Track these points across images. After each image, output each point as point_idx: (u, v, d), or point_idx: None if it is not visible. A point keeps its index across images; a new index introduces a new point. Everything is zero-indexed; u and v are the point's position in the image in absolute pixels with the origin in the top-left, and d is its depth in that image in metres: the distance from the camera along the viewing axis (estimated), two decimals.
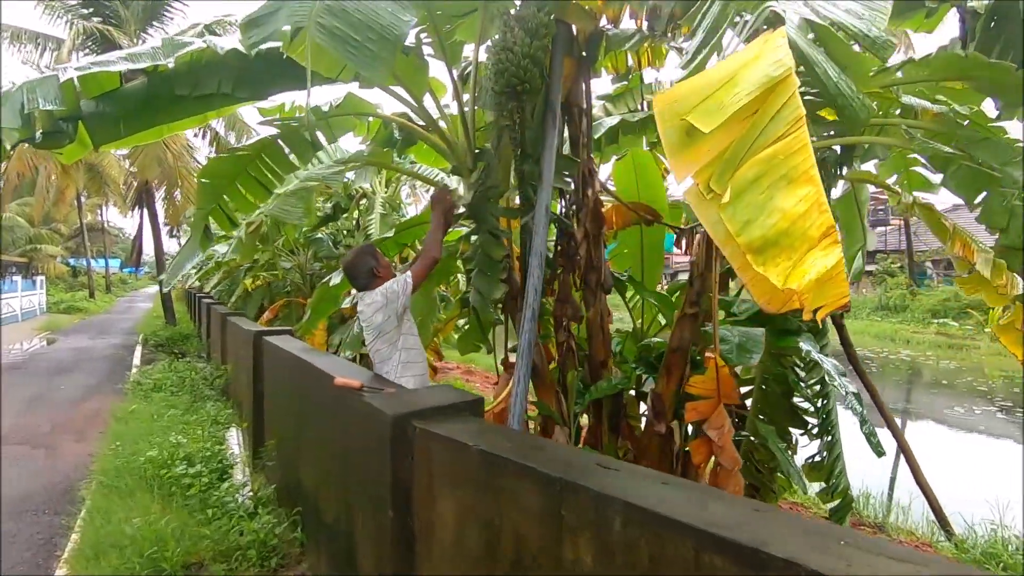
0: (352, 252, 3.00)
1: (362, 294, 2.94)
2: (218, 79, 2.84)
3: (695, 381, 3.05)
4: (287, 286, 9.99)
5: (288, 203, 2.47)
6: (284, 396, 4.17)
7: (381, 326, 2.83)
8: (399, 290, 2.79)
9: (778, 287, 1.19)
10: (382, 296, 2.80)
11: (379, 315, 2.82)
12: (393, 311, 2.79)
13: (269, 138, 3.64)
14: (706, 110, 1.21)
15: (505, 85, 2.90)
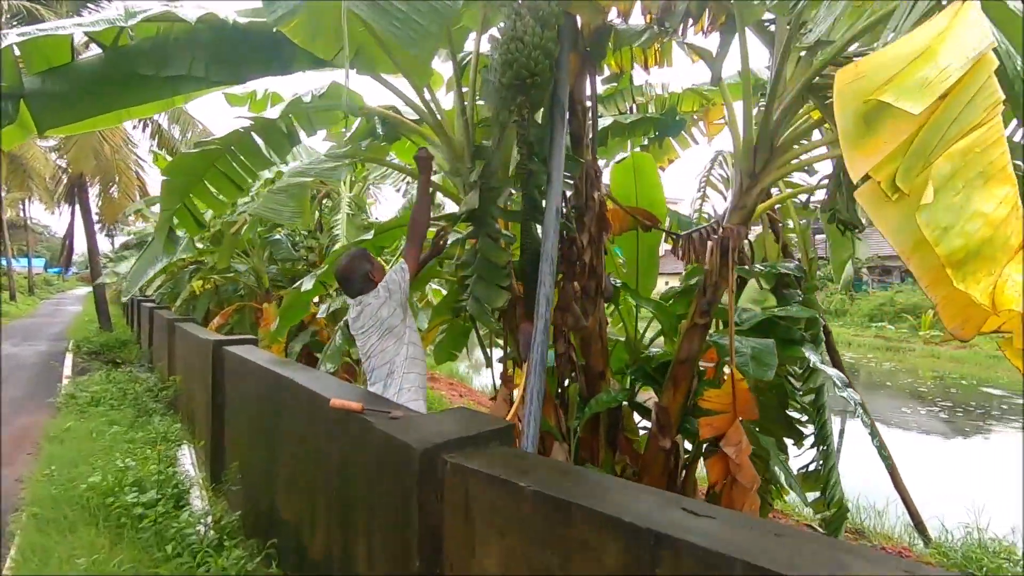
0: (345, 257, 2.74)
1: (359, 299, 2.68)
2: (190, 58, 2.49)
3: (710, 395, 2.91)
4: (240, 290, 9.39)
5: (277, 201, 2.16)
6: (252, 413, 3.78)
7: (388, 321, 2.64)
8: (399, 279, 2.63)
9: (983, 307, 1.01)
10: (384, 290, 2.63)
11: (384, 309, 2.63)
12: (398, 301, 2.63)
13: (241, 131, 3.29)
14: (904, 88, 0.99)
15: (514, 77, 2.68)
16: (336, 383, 2.88)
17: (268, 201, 2.19)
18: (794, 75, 2.64)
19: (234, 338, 4.70)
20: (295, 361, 4.53)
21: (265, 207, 2.18)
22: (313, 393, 2.65)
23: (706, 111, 4.41)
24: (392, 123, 3.49)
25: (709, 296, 3.03)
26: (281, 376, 3.09)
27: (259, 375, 3.56)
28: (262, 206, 2.19)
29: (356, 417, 2.22)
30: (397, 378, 2.60)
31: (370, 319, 2.64)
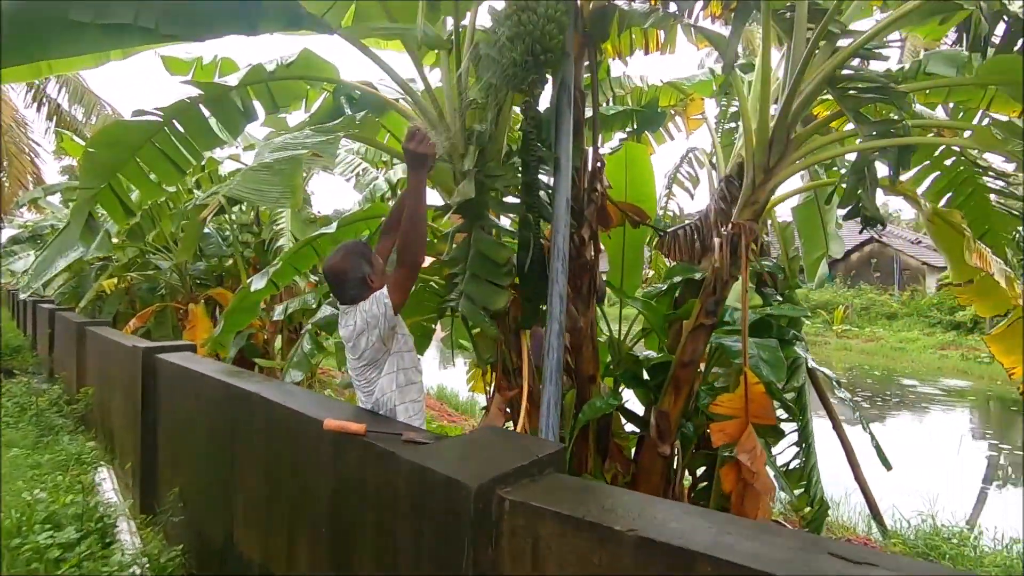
0: (339, 253, 2.20)
1: (344, 308, 2.24)
2: (136, 7, 2.03)
3: (722, 400, 2.76)
4: (160, 289, 8.47)
5: (261, 180, 1.76)
6: (198, 433, 3.28)
7: (367, 354, 2.17)
8: (379, 314, 2.08)
9: None
10: (361, 320, 2.12)
11: (361, 340, 2.15)
12: (377, 336, 2.12)
13: (187, 101, 2.80)
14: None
15: (525, 52, 2.40)
16: (316, 399, 2.49)
17: (249, 180, 1.78)
18: (813, 66, 2.53)
19: (168, 344, 4.11)
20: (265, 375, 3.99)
21: (245, 187, 1.77)
22: (290, 411, 2.26)
23: (685, 106, 4.31)
24: (371, 102, 3.11)
25: (717, 295, 2.88)
26: (242, 391, 2.65)
27: (209, 388, 3.07)
28: (241, 186, 1.77)
29: (358, 442, 1.87)
30: (384, 408, 2.18)
31: (350, 343, 2.19)
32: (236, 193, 1.79)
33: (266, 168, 1.78)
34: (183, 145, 2.95)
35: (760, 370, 2.73)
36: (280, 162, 1.78)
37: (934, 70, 3.22)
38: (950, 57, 3.24)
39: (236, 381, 2.79)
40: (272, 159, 1.80)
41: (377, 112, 3.32)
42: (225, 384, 2.85)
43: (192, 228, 2.81)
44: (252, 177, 1.79)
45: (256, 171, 1.80)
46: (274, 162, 1.78)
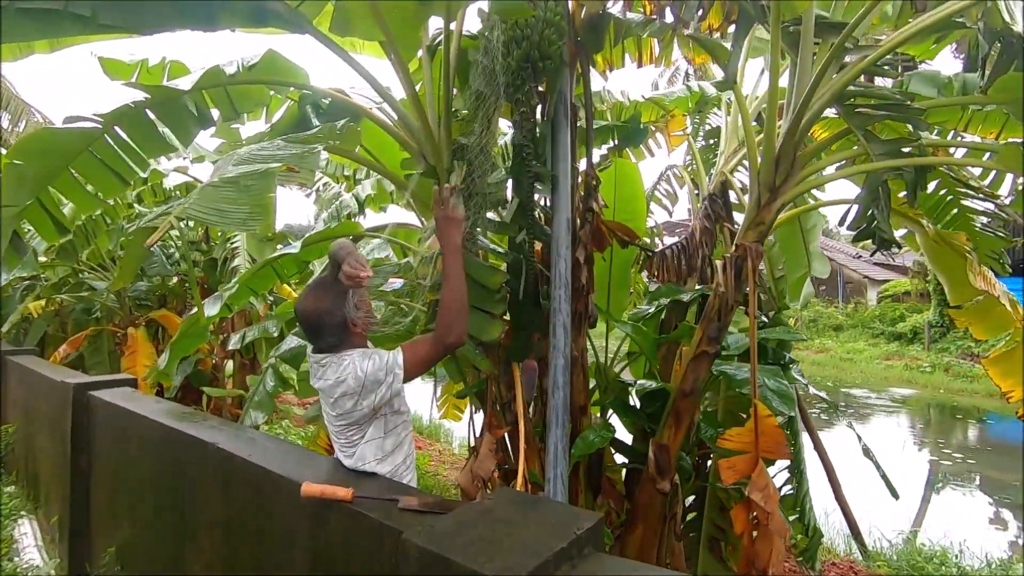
0: (316, 290, 1.84)
1: (319, 357, 1.86)
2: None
3: (731, 434, 2.58)
4: (95, 311, 7.76)
5: (223, 198, 1.44)
6: (142, 483, 2.85)
7: (348, 414, 1.82)
8: (383, 381, 1.75)
9: None
10: (355, 382, 1.76)
11: (347, 401, 1.79)
12: (370, 404, 1.79)
13: (131, 105, 2.45)
14: None
15: (523, 58, 2.19)
16: (284, 450, 2.15)
17: (208, 198, 1.46)
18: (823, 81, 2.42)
19: (105, 379, 3.63)
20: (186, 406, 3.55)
21: (203, 206, 1.45)
22: (256, 468, 1.92)
23: (666, 122, 4.21)
24: (342, 112, 2.82)
25: (720, 321, 2.72)
26: (194, 439, 2.28)
27: (152, 433, 2.67)
28: (199, 205, 1.45)
29: (344, 509, 1.57)
30: (368, 466, 1.85)
31: (329, 397, 1.83)
32: (193, 213, 1.47)
33: (230, 184, 1.48)
34: (126, 153, 2.58)
35: (769, 401, 2.57)
36: (248, 177, 1.47)
37: (916, 90, 3.19)
38: (930, 78, 3.22)
39: (186, 427, 2.42)
40: (237, 173, 1.50)
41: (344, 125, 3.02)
42: (172, 430, 2.47)
43: (134, 253, 2.44)
44: (212, 195, 1.48)
45: (217, 187, 1.48)
46: (240, 177, 1.48)
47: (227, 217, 1.45)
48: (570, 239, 2.32)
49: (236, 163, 1.60)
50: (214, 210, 1.47)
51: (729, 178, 4.19)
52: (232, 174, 1.53)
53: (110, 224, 6.84)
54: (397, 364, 1.78)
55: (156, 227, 1.64)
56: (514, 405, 2.92)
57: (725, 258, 2.70)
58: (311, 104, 3.14)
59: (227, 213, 1.45)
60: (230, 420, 5.42)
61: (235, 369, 6.83)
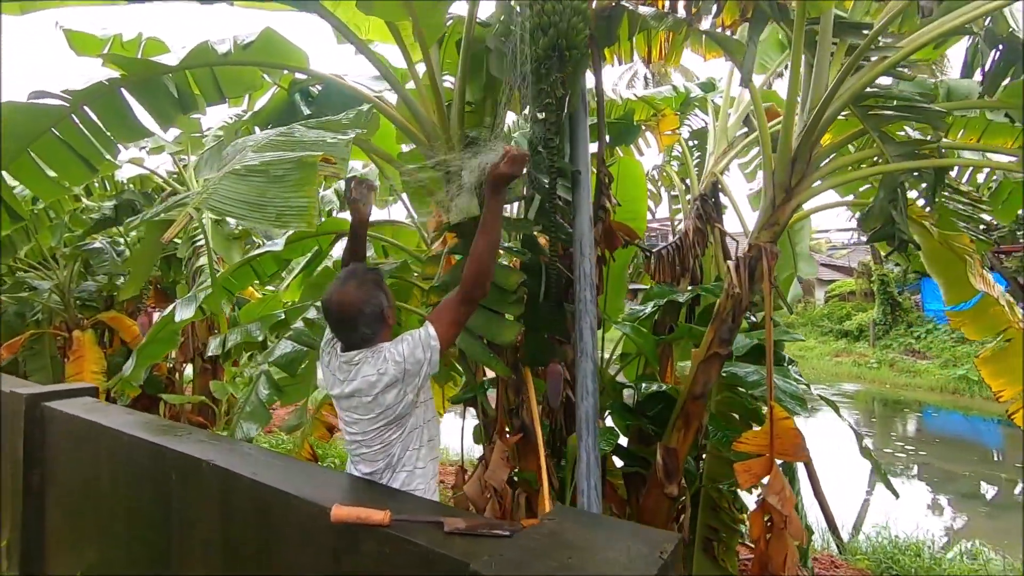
0: (350, 281, 1.70)
1: (350, 355, 1.74)
2: None
3: (748, 437, 2.54)
4: (35, 312, 7.17)
5: (249, 189, 1.25)
6: (112, 505, 2.57)
7: (393, 409, 1.70)
8: (424, 359, 1.66)
9: None
10: (396, 367, 1.65)
11: (391, 394, 1.68)
12: (413, 386, 1.69)
13: (104, 83, 2.21)
14: None
15: (549, 46, 2.07)
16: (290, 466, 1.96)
17: (230, 189, 1.26)
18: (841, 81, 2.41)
19: (61, 389, 3.29)
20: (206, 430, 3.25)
21: (226, 198, 1.25)
22: (266, 489, 1.73)
23: (658, 121, 4.18)
24: (340, 100, 2.63)
25: (734, 322, 2.68)
26: (187, 457, 2.06)
27: (128, 450, 2.41)
28: (220, 196, 1.25)
29: (378, 535, 1.42)
30: (401, 473, 1.74)
31: (366, 397, 1.70)
32: (215, 206, 1.27)
33: (258, 174, 1.29)
34: (95, 137, 2.33)
35: (783, 402, 2.55)
36: (279, 166, 1.29)
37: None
38: (917, 83, 3.30)
39: (171, 442, 2.18)
40: (262, 162, 1.31)
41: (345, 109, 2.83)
42: (154, 447, 2.23)
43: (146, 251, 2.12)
44: (236, 186, 1.29)
45: (243, 177, 1.30)
46: (269, 166, 1.30)
47: (257, 212, 1.27)
48: (592, 237, 2.22)
49: (257, 150, 1.41)
50: (241, 203, 1.28)
51: (720, 178, 4.20)
52: (254, 162, 1.35)
53: (54, 219, 6.33)
54: (431, 336, 1.69)
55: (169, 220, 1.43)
56: (522, 411, 2.81)
57: (738, 258, 2.66)
58: (300, 92, 2.93)
59: (257, 207, 1.27)
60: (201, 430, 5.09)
61: (195, 374, 6.42)
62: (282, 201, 1.25)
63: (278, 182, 1.28)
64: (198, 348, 6.33)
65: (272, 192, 1.27)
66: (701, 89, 4.94)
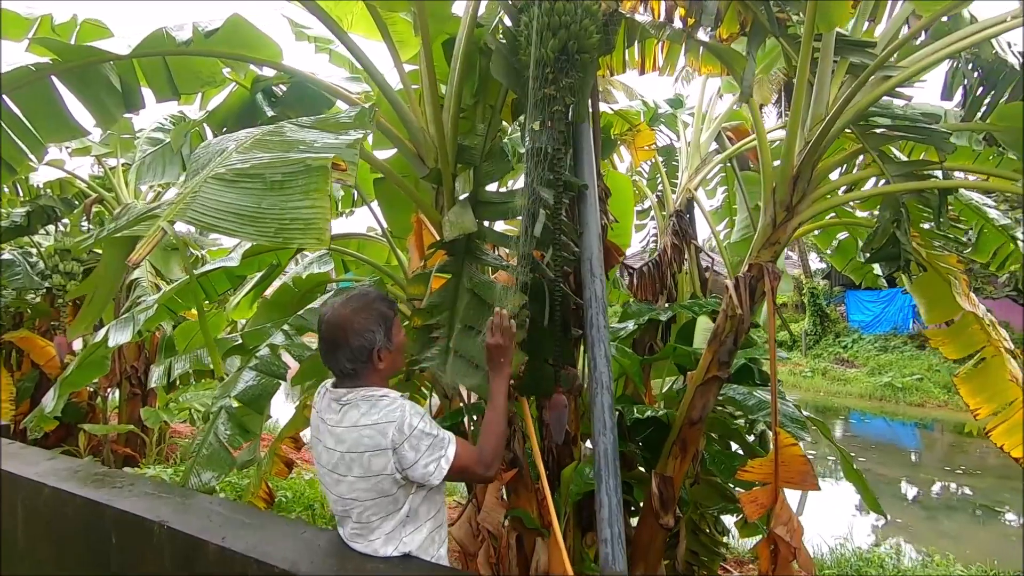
0: (352, 302, 1.48)
1: (341, 395, 1.48)
2: None
3: (753, 465, 2.44)
4: None
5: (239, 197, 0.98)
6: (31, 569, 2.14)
7: (377, 482, 1.42)
8: (425, 455, 1.41)
9: None
10: (397, 434, 1.40)
11: (376, 458, 1.40)
12: (404, 475, 1.44)
13: (31, 69, 1.87)
14: None
15: (560, 49, 1.90)
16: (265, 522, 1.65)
17: (213, 197, 0.98)
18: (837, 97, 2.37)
19: None
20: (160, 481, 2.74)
21: (209, 208, 0.96)
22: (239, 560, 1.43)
23: (633, 135, 4.11)
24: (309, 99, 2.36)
25: (734, 344, 2.58)
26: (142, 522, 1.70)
27: (59, 507, 2.01)
28: (201, 206, 0.97)
29: None
30: (391, 545, 1.46)
31: (350, 452, 1.43)
32: (196, 217, 0.99)
33: (251, 179, 1.03)
34: (17, 134, 1.96)
35: (788, 427, 2.47)
36: (276, 168, 1.04)
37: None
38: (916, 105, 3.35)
39: (113, 497, 1.82)
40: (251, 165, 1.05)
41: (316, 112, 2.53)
42: (91, 504, 1.85)
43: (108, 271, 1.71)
44: (222, 194, 1.02)
45: (230, 183, 1.02)
46: (264, 170, 1.05)
47: (251, 225, 1.00)
48: (601, 255, 2.06)
49: (243, 151, 1.15)
50: (230, 215, 1.01)
51: (694, 195, 4.17)
52: (244, 165, 1.08)
53: None
54: (447, 456, 1.45)
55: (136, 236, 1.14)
56: (513, 442, 2.59)
57: (738, 278, 2.57)
58: (263, 91, 2.63)
59: (251, 219, 1.00)
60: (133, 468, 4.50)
61: (122, 400, 5.78)
62: (283, 212, 1.00)
63: (278, 189, 1.02)
64: (126, 371, 5.71)
65: (270, 201, 1.01)
66: (669, 105, 4.95)
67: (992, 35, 2.12)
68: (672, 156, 4.95)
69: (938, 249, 3.19)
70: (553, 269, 2.08)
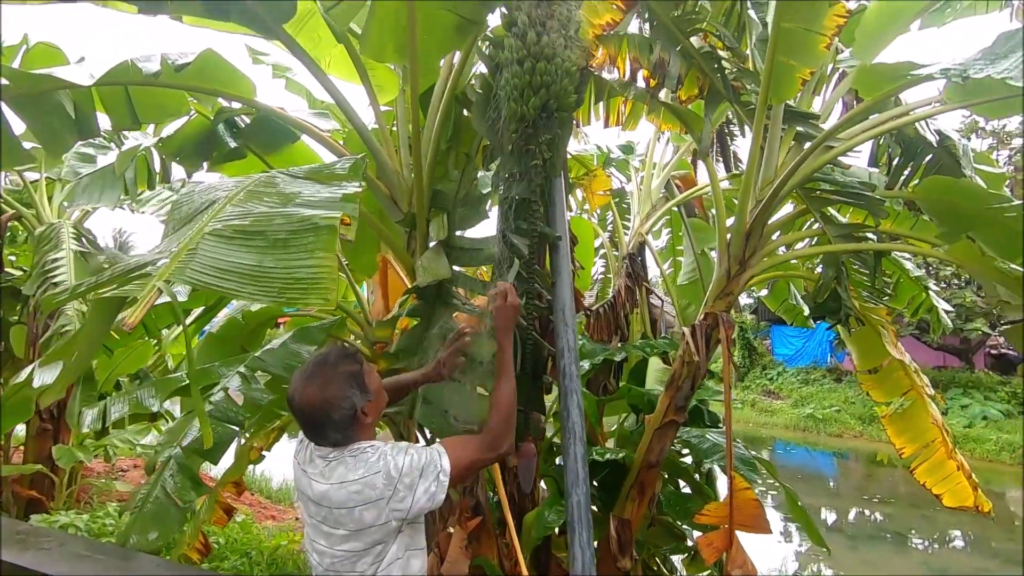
0: (316, 377, 1.40)
1: (327, 450, 1.43)
2: None
3: (709, 509, 2.51)
4: None
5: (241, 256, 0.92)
6: None
7: (370, 533, 1.38)
8: (418, 485, 1.37)
9: None
10: (385, 483, 1.36)
11: (368, 513, 1.37)
12: (401, 515, 1.38)
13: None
14: None
15: (540, 107, 1.97)
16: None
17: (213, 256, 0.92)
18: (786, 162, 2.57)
19: None
20: None
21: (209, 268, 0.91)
22: None
23: (590, 180, 4.26)
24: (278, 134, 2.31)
25: (686, 389, 2.69)
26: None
27: None
28: (200, 266, 0.91)
29: None
30: None
31: (338, 509, 1.38)
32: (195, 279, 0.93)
33: (253, 237, 0.99)
34: None
35: (741, 471, 2.57)
36: (283, 227, 1.00)
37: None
38: (853, 173, 3.65)
39: (47, 566, 1.64)
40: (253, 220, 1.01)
41: (239, 152, 2.44)
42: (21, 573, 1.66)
43: (89, 333, 1.51)
44: (222, 251, 0.97)
45: (230, 240, 0.98)
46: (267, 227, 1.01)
47: (253, 285, 0.96)
48: (573, 305, 2.10)
49: (238, 203, 1.10)
50: (231, 274, 0.96)
51: (646, 239, 4.35)
52: (241, 221, 1.04)
53: None
54: (443, 469, 1.40)
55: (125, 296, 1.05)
56: (476, 488, 2.57)
57: (694, 326, 2.69)
58: (226, 120, 2.55)
59: (253, 279, 0.96)
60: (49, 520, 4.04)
61: (29, 436, 5.25)
62: (288, 271, 0.96)
63: (281, 247, 0.99)
64: (36, 404, 5.19)
65: (272, 260, 0.97)
66: (621, 151, 5.17)
67: (917, 119, 2.38)
68: (623, 198, 5.16)
69: (868, 300, 3.47)
70: (525, 316, 2.11)
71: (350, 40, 1.86)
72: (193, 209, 1.20)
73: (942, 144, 2.77)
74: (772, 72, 2.15)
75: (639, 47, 2.51)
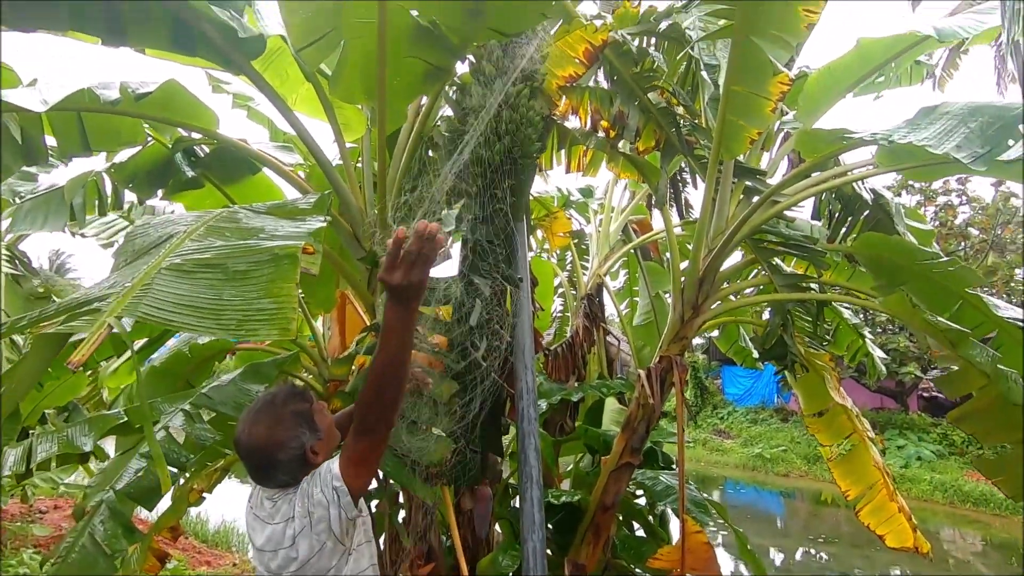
0: (261, 418, 1.38)
1: (273, 491, 1.41)
2: None
3: (663, 553, 2.52)
4: None
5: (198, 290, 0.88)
6: None
7: (312, 563, 1.35)
8: (327, 503, 1.32)
9: None
10: (301, 511, 1.33)
11: (302, 545, 1.34)
12: (331, 538, 1.34)
13: None
14: None
15: (505, 153, 2.03)
16: None
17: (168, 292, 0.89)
18: (736, 213, 2.71)
19: None
20: None
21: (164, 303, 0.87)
22: None
23: (551, 221, 4.34)
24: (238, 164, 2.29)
25: (642, 431, 2.72)
26: None
27: None
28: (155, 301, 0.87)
29: None
30: None
31: (281, 548, 1.36)
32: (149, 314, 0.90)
33: (212, 269, 0.96)
34: None
35: (693, 514, 2.60)
36: (243, 259, 0.98)
37: None
38: (797, 226, 3.84)
39: None
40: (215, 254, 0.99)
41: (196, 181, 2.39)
42: None
43: (28, 374, 1.39)
44: (177, 286, 0.94)
45: (187, 274, 0.94)
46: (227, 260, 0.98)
47: (210, 319, 0.93)
48: (533, 349, 2.12)
49: (198, 238, 1.08)
50: (187, 308, 0.93)
51: (604, 280, 4.44)
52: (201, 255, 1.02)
53: None
54: (333, 475, 1.34)
55: (66, 332, 0.98)
56: (429, 534, 2.49)
57: (649, 369, 2.75)
58: (185, 149, 2.50)
59: (210, 313, 0.93)
60: None
61: None
62: (245, 304, 0.94)
63: (240, 280, 0.96)
64: None
65: (231, 292, 0.95)
66: (581, 194, 5.31)
67: (855, 179, 2.56)
68: (582, 239, 5.28)
69: (812, 346, 3.62)
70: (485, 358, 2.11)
71: (319, 80, 1.89)
72: (149, 242, 1.17)
73: (877, 202, 2.98)
74: (723, 130, 2.29)
75: (600, 99, 2.62)
